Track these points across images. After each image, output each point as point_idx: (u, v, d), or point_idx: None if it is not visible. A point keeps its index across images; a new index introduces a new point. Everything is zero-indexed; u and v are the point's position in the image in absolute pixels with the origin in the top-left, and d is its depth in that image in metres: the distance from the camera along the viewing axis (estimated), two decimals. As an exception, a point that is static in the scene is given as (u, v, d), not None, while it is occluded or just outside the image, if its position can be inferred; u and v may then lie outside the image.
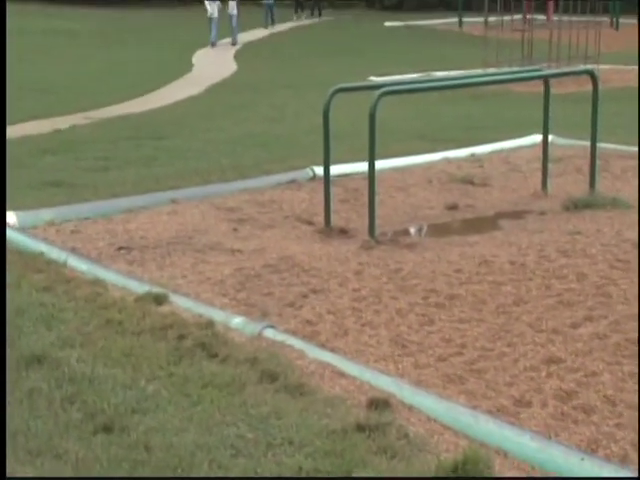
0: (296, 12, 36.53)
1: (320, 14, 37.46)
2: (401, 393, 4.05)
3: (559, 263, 5.97)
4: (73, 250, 6.33)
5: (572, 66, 17.24)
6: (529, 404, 4.02)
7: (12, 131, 11.74)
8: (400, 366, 4.44)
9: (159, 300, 5.27)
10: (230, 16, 27.51)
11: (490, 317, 5.05)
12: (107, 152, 10.53)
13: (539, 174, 8.30)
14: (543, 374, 4.31)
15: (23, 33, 27.66)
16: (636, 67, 17.91)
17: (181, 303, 5.27)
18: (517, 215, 7.56)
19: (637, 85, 14.60)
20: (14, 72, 18.70)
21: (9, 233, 6.52)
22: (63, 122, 12.79)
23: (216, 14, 27.04)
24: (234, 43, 27.36)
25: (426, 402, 3.98)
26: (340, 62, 22.52)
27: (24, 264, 5.92)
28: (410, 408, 3.95)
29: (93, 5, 39.26)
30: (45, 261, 5.99)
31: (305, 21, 36.09)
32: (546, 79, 8.18)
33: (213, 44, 26.72)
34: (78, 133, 12.04)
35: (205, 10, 27.50)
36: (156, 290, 5.40)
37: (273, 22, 32.79)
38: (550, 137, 8.43)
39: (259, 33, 31.33)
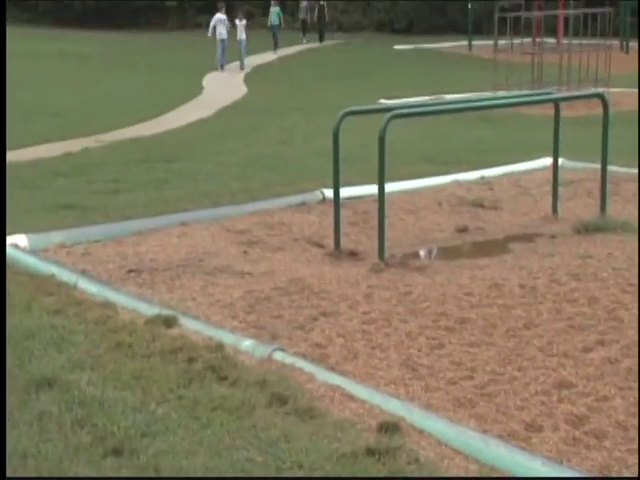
0: (304, 35, 36.37)
1: (322, 39, 36.76)
2: (411, 417, 4.04)
3: (570, 287, 5.95)
4: (84, 272, 6.35)
5: (582, 89, 17.26)
6: (540, 429, 3.99)
7: (24, 154, 11.83)
8: (410, 389, 4.42)
9: (169, 323, 5.27)
10: (239, 41, 27.33)
11: (500, 341, 5.03)
12: (118, 175, 10.57)
13: (549, 197, 8.29)
14: (554, 398, 4.29)
15: (33, 57, 27.91)
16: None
17: (191, 326, 5.27)
18: (527, 238, 7.55)
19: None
20: (25, 96, 18.88)
21: (20, 256, 6.55)
22: (75, 145, 12.86)
23: (225, 36, 26.85)
24: (242, 68, 27.13)
25: (436, 426, 3.96)
26: (350, 85, 22.62)
27: (35, 287, 5.93)
28: (420, 432, 3.93)
29: (100, 28, 39.60)
30: (56, 283, 6.01)
31: (313, 44, 35.87)
32: (556, 102, 8.19)
33: (221, 67, 26.62)
34: (89, 156, 12.09)
35: (210, 34, 27.21)
36: (166, 312, 5.40)
37: (277, 46, 32.46)
38: (560, 160, 8.42)
39: (269, 56, 31.47)
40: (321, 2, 36.28)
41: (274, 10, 32.61)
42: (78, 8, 42.80)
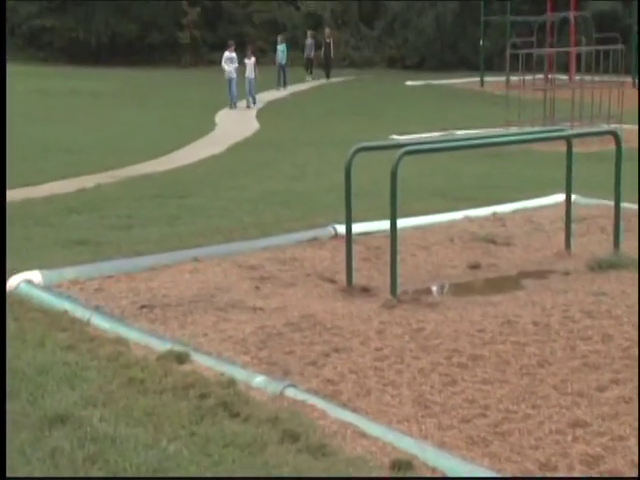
0: (310, 73, 35.87)
1: (328, 76, 36.08)
2: (424, 455, 4.01)
3: (584, 324, 5.92)
4: (97, 308, 6.36)
5: (595, 126, 17.29)
6: (555, 468, 3.96)
7: (38, 191, 11.93)
8: (423, 427, 4.40)
9: (181, 358, 5.27)
10: (248, 79, 26.99)
11: (514, 378, 5.00)
12: (131, 210, 10.62)
13: (562, 234, 8.28)
14: (569, 438, 4.25)
15: (48, 94, 28.19)
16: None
17: (203, 361, 5.26)
18: (540, 275, 7.53)
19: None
20: (40, 133, 19.06)
21: (34, 291, 6.58)
22: (88, 181, 12.94)
23: (234, 75, 26.54)
24: (250, 106, 26.77)
25: (449, 464, 3.93)
26: (361, 121, 22.71)
27: (49, 322, 5.95)
28: (433, 470, 3.91)
29: (115, 66, 40.00)
30: (69, 319, 6.03)
31: (318, 82, 35.31)
32: (569, 139, 8.20)
33: (233, 105, 26.46)
34: (103, 192, 12.16)
35: (222, 71, 27.04)
36: (178, 348, 5.40)
37: (285, 84, 32.15)
38: (573, 197, 8.42)
39: (280, 92, 31.64)
40: (327, 39, 36.05)
41: (280, 47, 32.51)
42: (93, 46, 43.32)
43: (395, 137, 17.38)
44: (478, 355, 5.37)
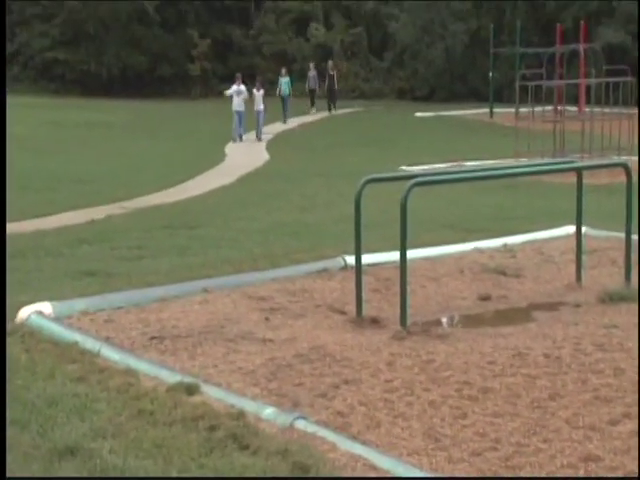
0: (313, 105, 35.49)
1: (333, 109, 35.47)
2: (435, 489, 3.98)
3: (595, 357, 5.89)
4: (107, 340, 6.37)
5: (605, 157, 17.30)
6: (567, 502, 3.93)
7: (50, 222, 11.99)
8: (433, 460, 4.37)
9: (190, 390, 5.26)
10: (257, 112, 26.61)
11: (525, 411, 4.97)
12: (141, 241, 10.66)
13: (573, 265, 8.25)
14: (581, 472, 4.22)
15: (60, 126, 28.40)
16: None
17: (212, 393, 5.25)
18: (551, 307, 7.50)
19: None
20: (52, 164, 19.19)
21: (45, 323, 6.59)
22: (99, 212, 13.00)
23: (242, 107, 26.13)
24: (259, 139, 26.30)
25: (461, 499, 3.90)
26: (371, 152, 22.79)
27: (59, 354, 5.96)
28: (444, 505, 3.88)
29: (126, 97, 40.29)
30: (79, 351, 6.03)
31: (322, 114, 34.76)
32: (579, 171, 8.20)
33: (240, 138, 25.97)
34: (113, 223, 12.21)
35: (230, 104, 26.60)
36: (187, 380, 5.39)
37: (286, 117, 31.52)
38: (584, 228, 8.41)
39: (290, 123, 31.72)
40: (331, 72, 35.73)
41: (284, 80, 32.00)
42: (104, 78, 43.71)
43: (405, 168, 17.42)
44: (489, 387, 5.35)
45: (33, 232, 11.07)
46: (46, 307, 6.90)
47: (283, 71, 32.74)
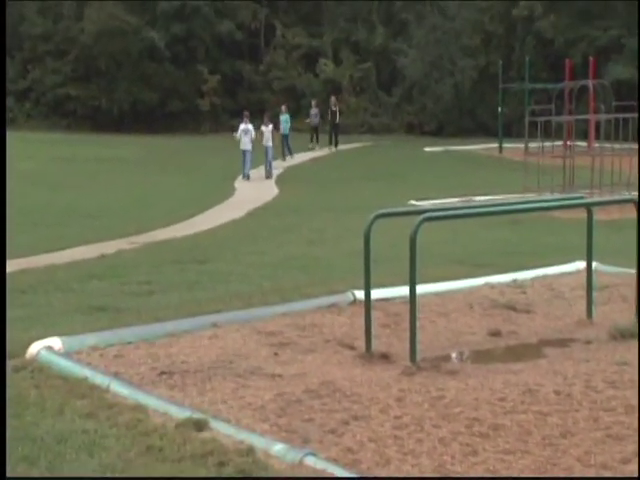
0: (317, 141, 35.12)
1: (336, 145, 35.23)
2: (446, 528, 3.94)
3: (607, 394, 5.84)
4: (116, 375, 6.36)
5: (615, 193, 17.29)
6: (579, 542, 3.88)
7: (61, 257, 12.04)
8: (444, 498, 4.34)
9: (200, 426, 5.24)
10: (266, 148, 26.11)
11: (536, 449, 4.93)
12: (151, 276, 10.68)
13: (583, 301, 8.22)
14: (593, 510, 4.18)
15: (70, 161, 28.62)
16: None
17: (221, 429, 5.23)
18: (562, 343, 7.46)
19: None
20: (63, 199, 19.31)
21: (54, 359, 6.59)
22: (109, 247, 13.05)
23: (249, 147, 25.42)
24: (268, 176, 25.76)
25: (472, 537, 3.86)
26: (380, 186, 22.85)
27: (68, 390, 5.95)
28: None
29: (137, 133, 40.58)
30: (88, 386, 6.02)
31: (324, 151, 34.45)
32: (589, 207, 8.20)
33: (247, 177, 25.34)
34: (123, 258, 12.25)
35: (237, 143, 25.95)
36: (197, 416, 5.37)
37: (291, 152, 31.15)
38: (594, 264, 8.38)
39: (299, 158, 31.86)
40: (333, 108, 35.57)
41: (283, 117, 31.44)
42: (115, 113, 44.06)
43: (414, 202, 17.45)
44: (499, 424, 5.31)
45: (44, 267, 11.12)
46: (56, 342, 6.91)
47: (283, 108, 32.35)
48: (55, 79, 44.13)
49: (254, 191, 22.62)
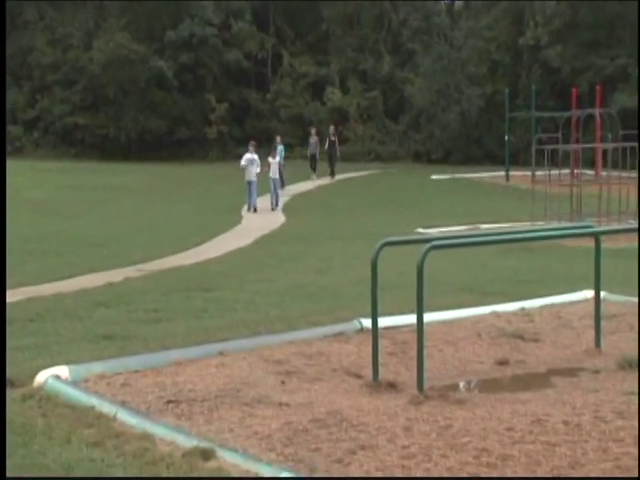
0: (314, 170, 34.23)
1: (333, 174, 34.41)
2: None
3: (615, 425, 5.81)
4: (123, 404, 6.35)
5: (622, 221, 17.28)
6: None
7: (69, 285, 12.06)
8: (452, 529, 4.30)
9: (206, 455, 5.22)
10: (272, 180, 25.50)
11: None
12: (158, 304, 10.68)
13: (591, 330, 8.19)
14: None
15: (79, 190, 28.72)
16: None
17: (228, 458, 5.21)
18: (570, 372, 7.43)
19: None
20: (72, 228, 19.35)
21: (61, 387, 6.59)
22: (116, 275, 13.06)
23: (254, 178, 24.64)
24: (274, 208, 25.00)
25: None
26: (387, 214, 22.85)
27: (75, 418, 5.94)
28: None
29: (145, 161, 40.74)
30: (95, 415, 6.01)
31: (323, 181, 33.58)
32: (597, 236, 8.19)
33: (254, 209, 24.36)
34: (131, 286, 12.25)
35: (242, 172, 25.16)
36: (204, 445, 5.36)
37: (283, 184, 29.10)
38: (602, 293, 8.36)
39: (305, 185, 31.86)
40: (332, 137, 35.06)
41: (279, 148, 30.03)
42: (123, 142, 44.27)
43: (421, 230, 17.44)
44: (507, 455, 5.28)
45: (52, 295, 11.14)
46: (63, 371, 6.91)
47: (278, 139, 31.33)
48: (63, 108, 44.38)
49: (261, 219, 22.64)
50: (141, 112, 44.29)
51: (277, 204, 25.57)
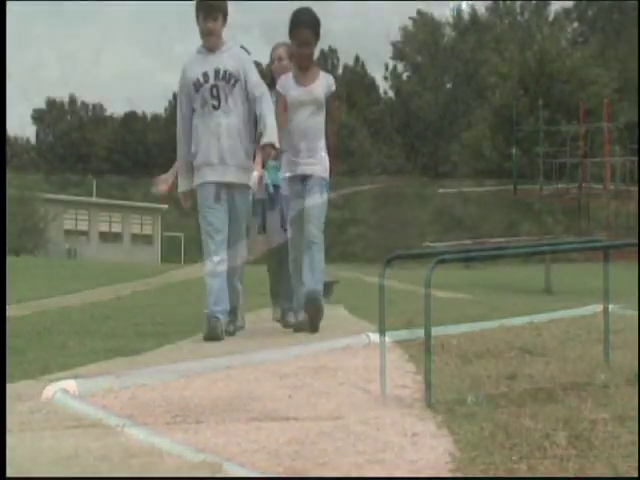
0: None
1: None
2: None
3: (625, 439, 5.76)
4: (130, 417, 6.34)
5: (631, 235, 17.24)
6: None
7: (77, 298, 12.09)
8: None
9: (214, 469, 5.20)
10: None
11: (554, 495, 4.86)
12: (166, 318, 10.69)
13: (600, 345, 8.16)
14: None
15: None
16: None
17: (235, 473, 5.19)
18: (578, 387, 7.39)
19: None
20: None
21: (69, 401, 6.59)
22: (124, 289, 13.09)
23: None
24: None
25: None
26: (394, 227, 22.83)
27: (81, 433, 5.93)
28: None
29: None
30: (103, 429, 6.00)
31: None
32: (605, 250, 8.17)
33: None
34: (138, 299, 12.28)
35: None
36: (210, 459, 5.33)
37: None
38: (611, 307, 8.34)
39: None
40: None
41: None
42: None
43: (429, 244, 17.42)
44: (515, 469, 5.23)
45: (60, 309, 11.19)
46: (71, 385, 6.91)
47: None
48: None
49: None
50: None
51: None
